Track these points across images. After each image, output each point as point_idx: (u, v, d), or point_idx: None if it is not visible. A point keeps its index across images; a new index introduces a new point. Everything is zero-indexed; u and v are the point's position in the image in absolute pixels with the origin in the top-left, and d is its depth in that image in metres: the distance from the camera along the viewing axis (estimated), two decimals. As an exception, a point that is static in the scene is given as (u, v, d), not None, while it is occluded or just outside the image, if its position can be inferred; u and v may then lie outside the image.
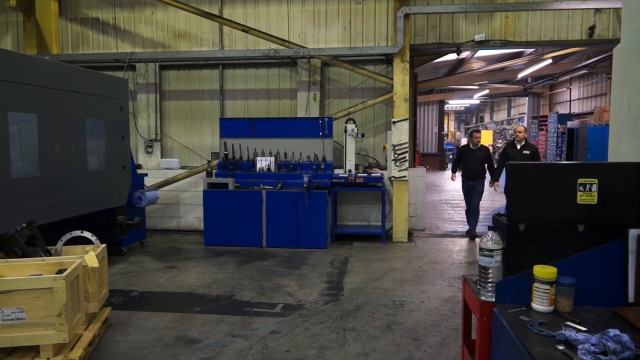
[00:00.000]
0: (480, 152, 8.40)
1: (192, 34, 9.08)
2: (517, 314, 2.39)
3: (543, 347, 2.04)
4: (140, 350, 4.02)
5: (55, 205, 5.50)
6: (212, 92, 9.27)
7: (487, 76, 18.47)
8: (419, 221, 8.96)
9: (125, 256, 7.14)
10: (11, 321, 3.43)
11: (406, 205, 8.17)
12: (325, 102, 8.97)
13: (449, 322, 4.63)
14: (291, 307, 5.05)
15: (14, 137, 4.95)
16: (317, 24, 8.79)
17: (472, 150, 8.47)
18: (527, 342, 2.08)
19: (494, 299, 2.54)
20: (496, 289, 2.51)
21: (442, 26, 8.46)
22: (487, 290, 2.59)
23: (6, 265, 3.91)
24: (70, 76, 5.91)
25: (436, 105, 25.17)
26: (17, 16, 9.32)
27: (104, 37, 9.34)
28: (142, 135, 9.33)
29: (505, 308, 2.45)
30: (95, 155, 6.35)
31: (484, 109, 37.60)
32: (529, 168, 2.74)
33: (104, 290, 4.58)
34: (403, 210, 8.15)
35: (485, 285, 2.59)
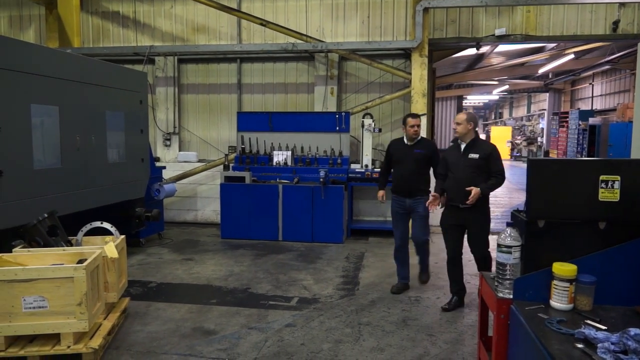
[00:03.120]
0: (419, 150, 5.18)
1: (211, 28, 9.12)
2: (536, 311, 2.37)
3: (562, 345, 2.02)
4: (158, 340, 4.08)
5: (75, 197, 5.59)
6: (230, 85, 9.31)
7: (506, 71, 18.19)
8: (436, 217, 8.87)
9: (143, 247, 7.24)
10: (33, 309, 3.51)
11: (423, 201, 8.11)
12: (343, 96, 8.94)
13: (465, 319, 4.60)
14: (306, 300, 5.07)
15: (36, 128, 5.04)
16: (335, 17, 8.76)
17: (407, 148, 5.23)
18: (545, 339, 2.06)
19: (511, 296, 2.52)
20: (514, 286, 2.50)
21: (462, 20, 8.35)
22: (504, 287, 2.57)
23: (28, 255, 4.00)
24: (91, 69, 5.99)
25: (454, 100, 24.92)
26: (39, 10, 9.47)
27: (124, 30, 9.44)
28: (161, 128, 9.42)
29: (523, 305, 2.43)
30: (115, 147, 6.44)
31: (502, 105, 37.10)
32: (550, 164, 2.71)
33: (123, 281, 4.65)
34: (419, 206, 8.09)
35: (503, 281, 2.57)
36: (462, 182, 4.49)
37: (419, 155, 5.19)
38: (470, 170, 4.53)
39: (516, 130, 29.62)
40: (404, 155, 5.23)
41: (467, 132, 4.66)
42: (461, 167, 4.61)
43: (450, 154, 4.88)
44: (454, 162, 4.73)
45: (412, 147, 5.22)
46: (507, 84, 22.22)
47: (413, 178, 5.19)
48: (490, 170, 4.56)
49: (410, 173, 5.19)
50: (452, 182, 4.64)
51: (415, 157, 5.18)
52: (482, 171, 4.53)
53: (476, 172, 4.51)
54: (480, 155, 4.58)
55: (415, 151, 5.19)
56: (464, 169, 4.58)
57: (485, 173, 4.53)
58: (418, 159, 5.19)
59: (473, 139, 4.70)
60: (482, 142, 4.77)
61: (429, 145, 5.35)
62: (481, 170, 4.54)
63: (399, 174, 5.30)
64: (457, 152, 4.74)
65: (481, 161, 4.56)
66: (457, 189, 4.54)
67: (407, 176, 5.20)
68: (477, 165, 4.56)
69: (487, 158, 4.57)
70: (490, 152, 4.61)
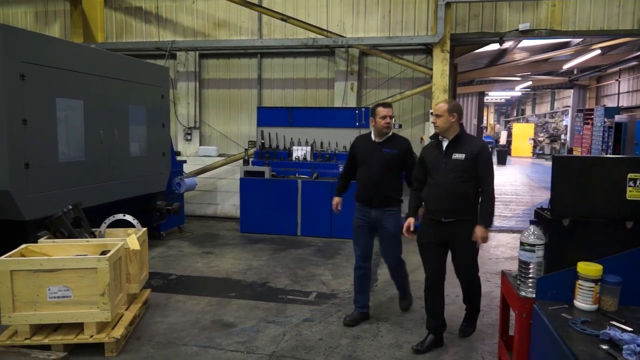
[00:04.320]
0: (388, 150, 4.21)
1: (232, 23, 9.16)
2: (559, 311, 2.33)
3: (586, 346, 1.98)
4: (178, 331, 4.13)
5: (99, 189, 5.69)
6: (250, 80, 9.34)
7: (530, 67, 17.91)
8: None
9: (164, 240, 7.33)
10: (57, 299, 3.59)
11: (443, 197, 8.04)
12: (363, 92, 8.90)
13: (484, 318, 4.54)
14: (325, 295, 5.08)
15: (62, 122, 5.14)
16: (356, 12, 8.71)
17: (374, 146, 4.26)
18: (569, 340, 2.03)
19: (534, 295, 2.48)
20: (537, 285, 2.46)
21: (485, 15, 8.23)
22: (527, 286, 2.53)
23: (53, 245, 4.09)
24: (115, 64, 6.07)
25: (476, 96, 24.63)
26: (64, 5, 9.64)
27: (146, 26, 9.55)
28: (182, 122, 9.52)
29: (546, 305, 2.39)
30: (137, 141, 6.53)
31: (525, 101, 36.50)
32: (576, 161, 2.66)
33: (144, 272, 4.72)
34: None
35: (526, 280, 2.53)
36: (443, 189, 3.64)
37: (388, 156, 4.17)
38: (453, 175, 3.60)
39: (539, 127, 29.15)
40: (370, 154, 4.23)
41: (450, 126, 3.64)
42: (442, 171, 3.66)
43: (429, 153, 3.85)
44: (433, 165, 3.74)
45: (381, 145, 4.20)
46: (530, 80, 21.85)
47: (380, 184, 4.18)
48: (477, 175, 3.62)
49: (376, 177, 4.18)
50: (431, 189, 3.74)
51: (384, 158, 4.17)
52: (468, 176, 3.61)
53: (461, 178, 3.61)
54: (467, 155, 3.60)
55: (384, 150, 4.18)
56: (446, 173, 3.64)
57: (473, 179, 3.62)
58: (387, 161, 4.17)
59: (458, 134, 3.67)
60: (470, 138, 3.82)
61: (402, 144, 4.27)
62: (468, 174, 3.61)
63: (363, 177, 4.30)
64: (437, 152, 3.74)
65: (468, 163, 3.60)
66: (438, 199, 3.67)
67: (373, 181, 4.19)
68: (462, 168, 3.60)
69: (474, 159, 3.60)
70: (478, 152, 3.60)
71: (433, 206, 3.72)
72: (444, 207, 3.64)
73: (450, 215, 3.63)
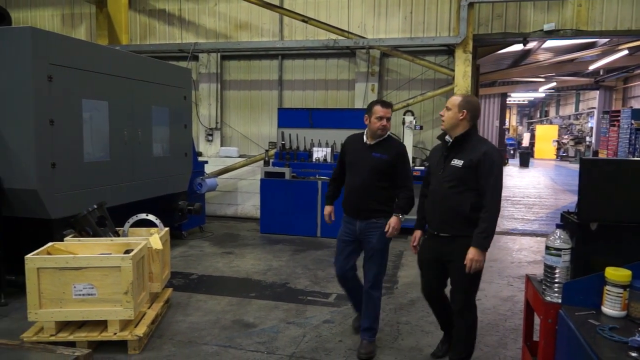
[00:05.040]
0: (379, 154, 3.71)
1: (253, 25, 9.22)
2: (586, 317, 2.27)
3: (614, 353, 1.94)
4: (199, 330, 4.17)
5: (123, 189, 5.78)
6: (271, 82, 9.39)
7: (554, 68, 17.60)
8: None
9: (185, 240, 7.41)
10: (82, 296, 3.65)
11: (464, 200, 7.95)
12: (384, 93, 8.87)
13: (507, 322, 4.48)
14: (345, 297, 5.03)
15: (87, 123, 5.23)
16: (377, 13, 8.68)
17: (364, 149, 3.78)
18: (596, 347, 1.98)
19: (560, 300, 2.43)
20: (563, 290, 2.41)
21: (509, 15, 8.11)
22: (553, 291, 2.48)
23: (79, 244, 4.16)
24: (139, 66, 6.16)
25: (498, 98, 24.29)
26: (90, 8, 9.83)
27: (169, 28, 9.67)
28: (203, 123, 9.61)
29: (573, 310, 2.34)
30: (160, 142, 6.61)
31: (549, 103, 35.88)
32: (603, 164, 2.60)
33: (166, 272, 4.77)
34: (461, 205, 7.94)
35: (552, 285, 2.48)
36: (436, 199, 3.22)
37: (377, 161, 3.67)
38: (447, 185, 3.12)
39: (563, 129, 28.63)
40: (358, 158, 3.77)
41: (456, 123, 3.11)
42: (439, 177, 3.20)
43: (433, 155, 3.43)
44: (433, 169, 3.34)
45: (371, 148, 3.72)
46: (554, 81, 21.48)
47: (366, 192, 3.70)
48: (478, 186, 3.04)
49: (363, 184, 3.71)
50: (428, 198, 3.35)
51: (373, 164, 3.68)
52: (465, 187, 3.06)
53: (456, 188, 3.09)
54: (465, 162, 3.04)
55: (374, 155, 3.68)
56: (441, 180, 3.17)
57: (472, 190, 3.06)
58: (375, 167, 3.68)
59: (463, 135, 3.12)
60: (476, 142, 3.13)
61: (394, 149, 3.74)
62: (464, 185, 3.07)
63: (349, 184, 3.84)
64: (440, 154, 3.29)
65: (465, 172, 3.04)
66: (431, 209, 3.30)
67: (359, 189, 3.73)
68: (458, 177, 3.08)
69: (474, 167, 3.02)
70: (479, 160, 3.00)
71: (428, 217, 3.36)
72: (436, 219, 3.23)
73: (444, 229, 3.17)
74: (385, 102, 3.80)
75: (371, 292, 3.78)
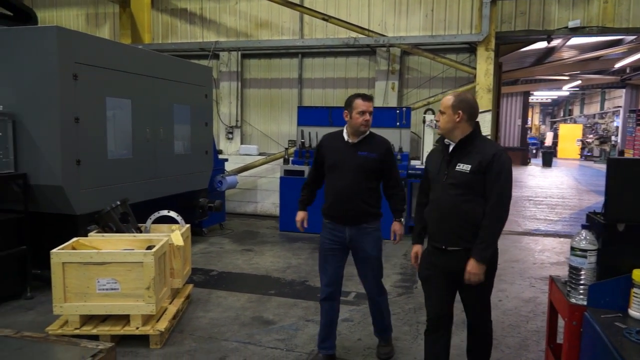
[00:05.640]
0: (365, 153, 3.44)
1: (274, 23, 9.25)
2: (612, 320, 2.22)
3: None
4: (219, 326, 4.20)
5: (145, 186, 5.86)
6: (291, 80, 9.41)
7: (579, 66, 17.23)
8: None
9: (205, 237, 7.48)
10: (106, 291, 3.72)
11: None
12: (404, 91, 8.81)
13: (529, 324, 4.41)
14: (364, 296, 5.01)
15: (110, 120, 5.32)
16: (398, 11, 8.63)
17: (347, 148, 3.48)
18: (623, 350, 1.94)
19: (585, 302, 2.39)
20: (589, 292, 2.36)
21: (532, 12, 7.98)
22: (578, 293, 2.43)
23: (102, 239, 4.24)
24: (161, 64, 6.24)
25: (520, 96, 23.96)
26: (114, 8, 9.98)
27: (191, 27, 9.77)
28: (224, 121, 9.69)
29: (598, 313, 2.29)
30: (181, 139, 6.69)
31: (573, 101, 35.20)
32: (632, 164, 2.53)
33: (187, 268, 4.83)
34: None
35: (577, 287, 2.43)
36: (443, 209, 2.85)
37: (364, 160, 3.40)
38: (454, 192, 2.79)
39: (587, 128, 28.08)
40: (343, 158, 3.44)
41: (454, 126, 2.80)
42: (443, 185, 2.85)
43: (432, 160, 3.02)
44: (434, 176, 2.95)
45: (356, 147, 3.44)
46: (579, 79, 21.05)
47: (355, 196, 3.40)
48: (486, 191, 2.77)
49: (351, 187, 3.40)
50: (431, 208, 2.95)
51: (359, 164, 3.40)
52: (475, 194, 2.77)
53: (465, 196, 2.78)
54: (474, 167, 2.74)
55: (360, 154, 3.41)
56: (447, 188, 2.82)
57: (483, 197, 2.78)
58: (363, 167, 3.40)
59: (467, 137, 2.81)
60: (483, 143, 2.84)
61: (381, 146, 3.50)
62: (474, 192, 2.77)
63: (333, 188, 3.48)
64: (440, 159, 2.91)
65: (474, 177, 2.75)
66: (437, 220, 2.90)
67: (346, 192, 3.41)
68: (467, 183, 2.76)
69: (484, 171, 2.74)
70: (488, 163, 2.73)
71: (432, 229, 2.96)
72: (444, 232, 2.85)
73: (454, 242, 2.80)
74: (366, 95, 3.47)
75: (377, 298, 3.62)
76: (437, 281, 2.94)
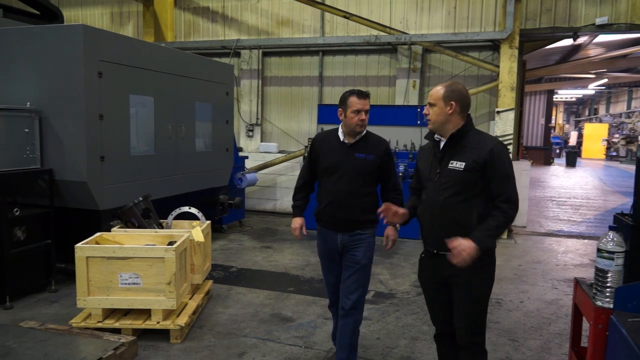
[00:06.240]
0: (363, 155, 3.17)
1: (295, 21, 9.26)
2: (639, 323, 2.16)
3: (672, 363, 1.83)
4: (239, 322, 4.23)
5: (167, 182, 5.93)
6: (312, 78, 9.41)
7: (605, 64, 16.82)
8: (519, 218, 8.45)
9: (225, 234, 7.54)
10: (128, 285, 3.77)
11: (507, 199, 7.74)
12: (425, 89, 8.73)
13: (551, 327, 4.33)
14: (383, 295, 5.03)
15: (133, 118, 5.39)
16: (419, 9, 8.55)
17: (343, 149, 3.21)
18: (652, 355, 1.88)
19: (611, 306, 2.33)
20: (615, 295, 2.30)
21: (558, 9, 7.83)
22: (604, 296, 2.37)
23: (125, 235, 4.30)
24: (183, 62, 6.30)
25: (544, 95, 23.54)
26: (137, 7, 10.12)
27: (213, 25, 9.84)
28: (244, 119, 9.74)
29: (625, 316, 2.23)
30: (202, 137, 6.74)
31: (598, 100, 34.43)
32: (662, 164, 2.46)
33: (207, 264, 4.87)
34: (503, 205, 7.73)
35: (603, 289, 2.37)
36: (434, 210, 2.61)
37: (362, 163, 3.15)
38: (447, 193, 2.54)
39: (613, 127, 27.45)
40: (339, 160, 3.18)
41: (445, 120, 2.56)
42: (434, 185, 2.61)
43: (423, 157, 2.79)
44: (425, 174, 2.71)
45: (352, 148, 3.17)
46: (605, 77, 20.58)
47: (351, 201, 3.16)
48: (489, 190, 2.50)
49: (347, 192, 3.15)
50: (423, 209, 2.72)
51: (357, 167, 3.14)
52: (470, 193, 2.52)
53: (458, 196, 2.53)
54: (469, 164, 2.49)
55: (358, 156, 3.15)
56: (438, 188, 2.58)
57: (478, 197, 2.51)
58: (360, 170, 3.15)
59: (459, 130, 2.57)
60: (477, 137, 2.59)
61: (379, 147, 3.23)
62: (469, 192, 2.51)
63: (328, 192, 3.23)
64: (431, 156, 2.68)
65: (469, 176, 2.49)
66: (428, 223, 2.67)
67: (342, 197, 3.16)
68: (461, 182, 2.51)
69: (481, 169, 2.47)
70: (487, 159, 2.47)
71: (424, 232, 2.74)
72: (434, 234, 2.61)
73: (443, 245, 2.51)
74: (362, 92, 3.19)
75: (353, 312, 3.17)
76: (433, 288, 2.77)
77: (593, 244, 7.44)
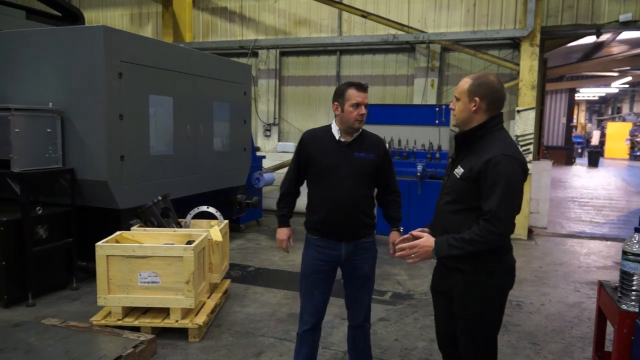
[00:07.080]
0: (362, 154, 2.88)
1: (312, 21, 9.25)
2: (668, 329, 2.10)
3: (702, 370, 1.78)
4: (256, 322, 4.24)
5: (186, 182, 5.98)
6: (329, 78, 9.40)
7: (629, 62, 16.44)
8: (540, 218, 8.33)
9: (242, 233, 7.57)
10: (147, 284, 3.81)
11: (527, 200, 7.63)
12: (443, 89, 8.65)
13: (573, 330, 4.25)
14: (400, 296, 4.99)
15: (153, 118, 5.44)
16: (438, 7, 8.47)
17: (339, 148, 2.88)
18: (680, 362, 1.83)
19: (637, 310, 2.27)
20: (642, 299, 2.24)
21: (581, 5, 7.68)
22: (629, 299, 2.31)
23: (144, 234, 4.34)
24: (202, 62, 6.34)
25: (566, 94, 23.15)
26: (157, 7, 10.24)
27: (230, 25, 9.90)
28: (262, 119, 9.78)
29: (652, 321, 2.17)
30: (220, 137, 6.78)
31: (622, 99, 33.69)
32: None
33: (225, 263, 4.89)
34: (523, 206, 7.59)
35: (628, 293, 2.32)
36: (434, 218, 2.48)
37: (362, 163, 2.86)
38: (445, 200, 2.36)
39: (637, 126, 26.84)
40: (336, 161, 2.85)
41: (469, 117, 2.26)
42: (442, 189, 2.43)
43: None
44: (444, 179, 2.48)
45: (350, 147, 2.87)
46: (629, 75, 20.12)
47: (354, 206, 2.84)
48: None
49: (348, 196, 2.82)
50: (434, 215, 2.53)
51: (357, 167, 2.85)
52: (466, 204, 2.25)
53: (453, 205, 2.30)
54: (466, 172, 2.23)
55: (357, 155, 2.85)
56: (442, 192, 2.41)
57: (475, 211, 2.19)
58: (361, 171, 2.86)
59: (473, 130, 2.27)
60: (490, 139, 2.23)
61: (378, 146, 2.98)
62: (464, 202, 2.25)
63: (325, 197, 2.89)
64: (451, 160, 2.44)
65: (464, 185, 2.23)
66: (434, 230, 2.45)
67: (344, 202, 2.83)
68: (456, 190, 2.28)
69: (475, 180, 2.18)
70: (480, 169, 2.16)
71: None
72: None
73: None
74: (361, 85, 2.87)
75: (366, 324, 3.07)
76: (438, 298, 2.58)
77: (616, 246, 7.28)
